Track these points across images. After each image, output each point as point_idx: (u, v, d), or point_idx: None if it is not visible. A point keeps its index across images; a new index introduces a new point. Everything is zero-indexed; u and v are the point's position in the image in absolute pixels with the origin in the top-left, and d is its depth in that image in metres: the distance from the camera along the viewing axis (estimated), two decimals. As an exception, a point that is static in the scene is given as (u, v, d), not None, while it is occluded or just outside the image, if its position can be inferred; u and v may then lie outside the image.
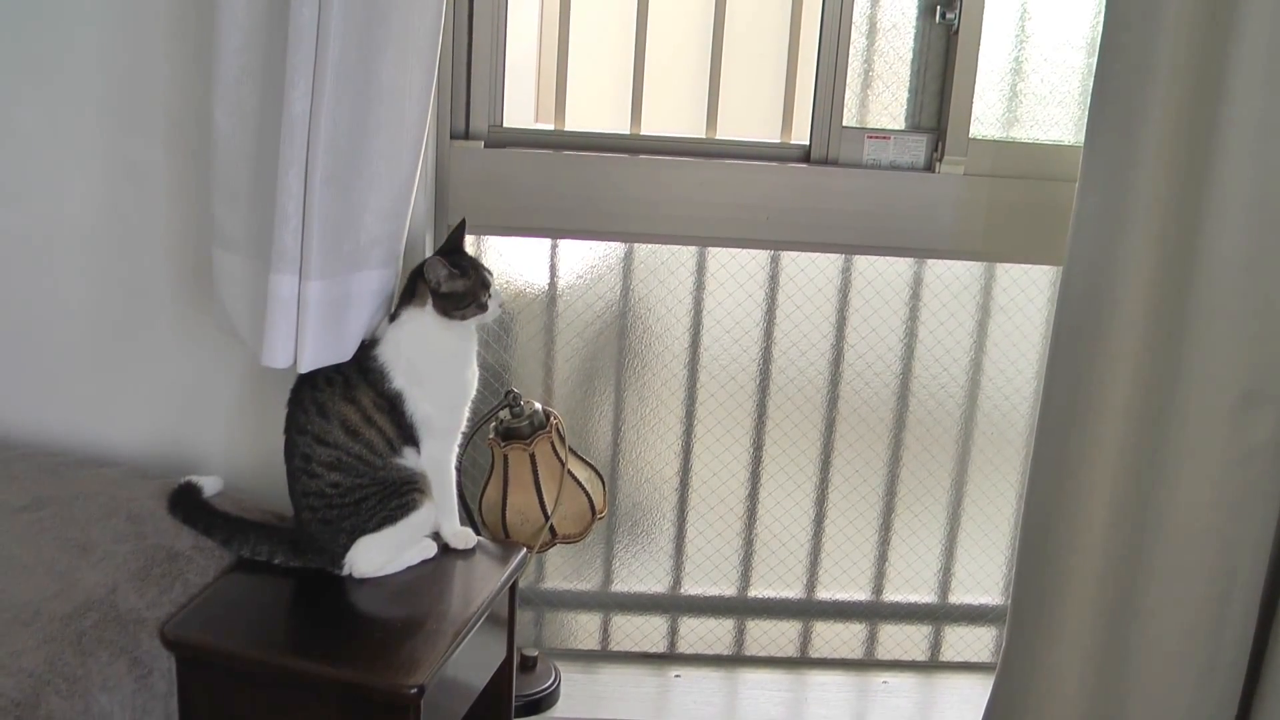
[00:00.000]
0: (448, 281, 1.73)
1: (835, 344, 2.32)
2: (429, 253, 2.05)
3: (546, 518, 1.99)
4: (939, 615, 2.48)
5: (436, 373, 1.75)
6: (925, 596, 2.47)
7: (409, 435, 1.75)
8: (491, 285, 1.77)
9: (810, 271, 2.27)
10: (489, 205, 2.11)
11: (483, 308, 1.75)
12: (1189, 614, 1.85)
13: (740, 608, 2.46)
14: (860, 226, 2.14)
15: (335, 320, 1.73)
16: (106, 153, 1.96)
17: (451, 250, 1.79)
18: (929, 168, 2.15)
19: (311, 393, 1.73)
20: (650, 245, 2.24)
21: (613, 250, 2.26)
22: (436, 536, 1.81)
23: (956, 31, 2.09)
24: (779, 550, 2.43)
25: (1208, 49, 1.68)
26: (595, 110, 2.33)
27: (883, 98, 2.17)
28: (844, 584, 2.45)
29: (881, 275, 2.28)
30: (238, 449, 2.05)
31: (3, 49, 1.92)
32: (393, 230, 1.77)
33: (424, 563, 1.78)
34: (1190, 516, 1.81)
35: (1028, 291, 2.29)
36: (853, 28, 2.09)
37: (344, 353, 1.75)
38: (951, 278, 2.29)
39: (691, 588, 2.45)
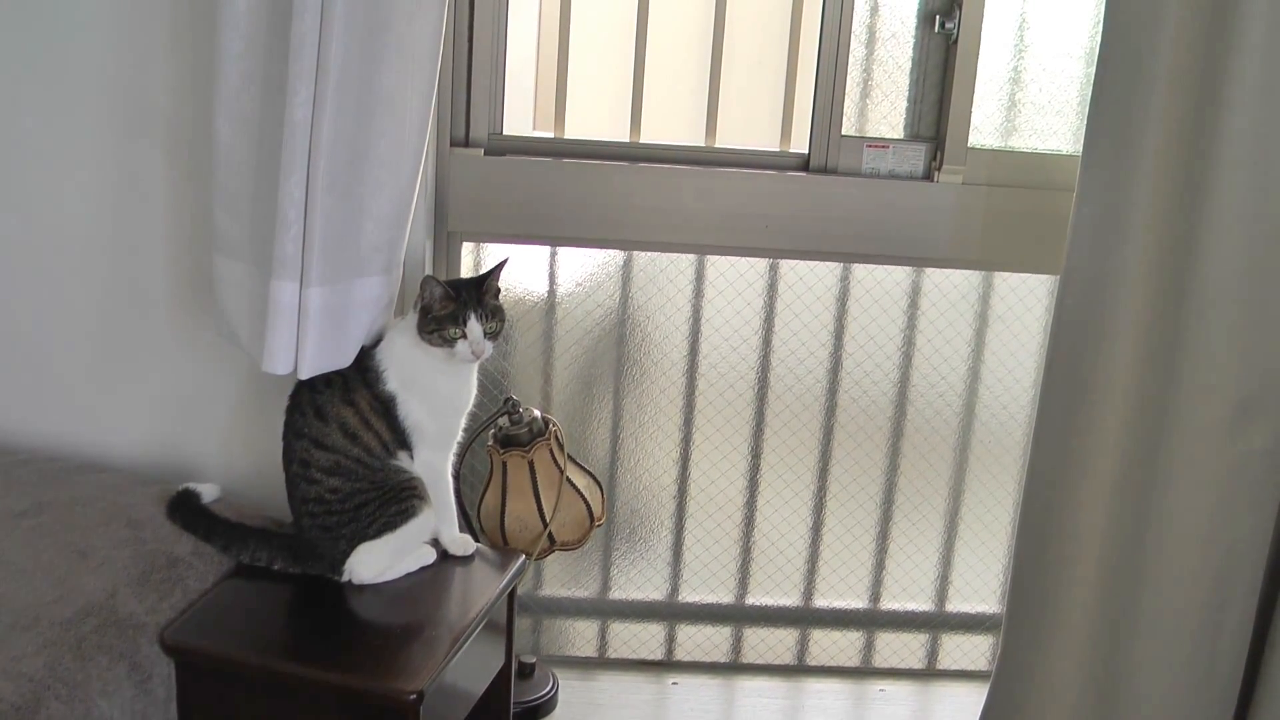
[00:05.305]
0: (440, 303, 1.72)
1: (834, 352, 2.32)
2: (428, 260, 2.06)
3: (545, 525, 1.99)
4: (936, 623, 2.48)
5: (426, 382, 1.75)
6: (922, 604, 2.47)
7: (403, 440, 1.75)
8: (474, 330, 1.70)
9: (809, 280, 2.27)
10: (488, 213, 2.12)
11: (448, 342, 1.70)
12: (1185, 622, 1.85)
13: (738, 615, 2.46)
14: (859, 235, 2.15)
15: (336, 326, 1.73)
16: (108, 159, 1.96)
17: (472, 282, 1.76)
18: (927, 177, 2.16)
19: (310, 395, 1.74)
20: (649, 253, 2.25)
21: (612, 258, 2.26)
22: (435, 543, 1.82)
23: (955, 41, 2.09)
24: (776, 558, 2.43)
25: (1206, 59, 1.69)
26: (595, 118, 2.34)
27: (881, 107, 2.17)
28: (841, 592, 2.45)
29: (880, 284, 2.28)
30: (237, 455, 2.06)
31: (5, 56, 1.93)
32: (393, 237, 1.78)
33: (423, 569, 1.78)
34: (1187, 524, 1.82)
35: (1025, 300, 2.29)
36: (852, 37, 2.10)
37: (344, 359, 1.75)
38: (949, 286, 2.29)
39: (689, 595, 2.45)
